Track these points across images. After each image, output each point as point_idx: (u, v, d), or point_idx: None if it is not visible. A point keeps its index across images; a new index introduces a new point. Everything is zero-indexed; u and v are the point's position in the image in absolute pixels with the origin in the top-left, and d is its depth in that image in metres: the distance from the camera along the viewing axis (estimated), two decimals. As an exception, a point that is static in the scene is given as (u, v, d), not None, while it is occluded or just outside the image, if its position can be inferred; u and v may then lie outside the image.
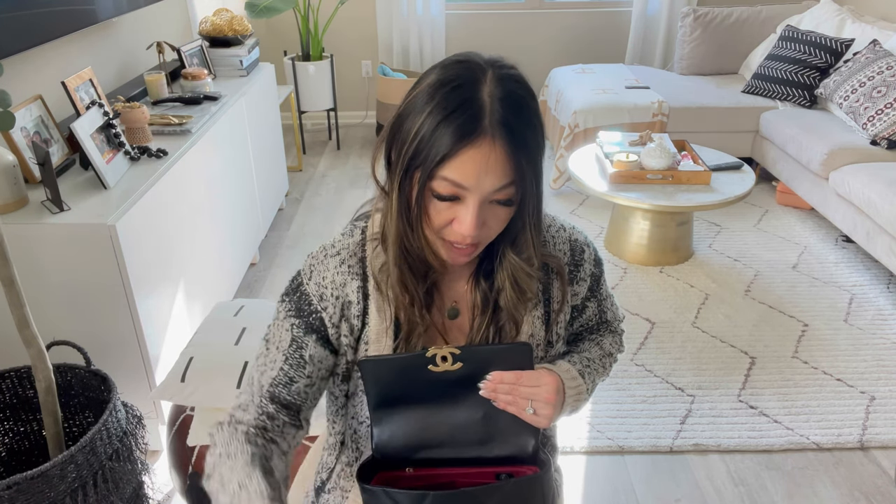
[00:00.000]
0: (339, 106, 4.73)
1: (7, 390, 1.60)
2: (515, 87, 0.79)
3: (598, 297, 1.05)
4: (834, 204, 3.00)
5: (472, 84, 0.77)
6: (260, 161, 3.00)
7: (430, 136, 0.77)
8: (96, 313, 1.75)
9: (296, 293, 0.92)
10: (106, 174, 1.84)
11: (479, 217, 0.80)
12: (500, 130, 0.76)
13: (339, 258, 0.91)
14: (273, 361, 0.91)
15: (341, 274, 0.90)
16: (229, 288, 2.55)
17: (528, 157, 0.78)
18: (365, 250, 0.91)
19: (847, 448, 1.99)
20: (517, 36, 4.65)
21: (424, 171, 0.78)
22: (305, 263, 0.93)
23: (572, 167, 3.00)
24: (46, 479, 1.28)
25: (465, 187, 0.78)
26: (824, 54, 3.55)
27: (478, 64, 0.79)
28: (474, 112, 0.76)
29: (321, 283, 0.90)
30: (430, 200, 0.81)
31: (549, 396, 0.87)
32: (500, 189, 0.78)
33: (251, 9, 3.61)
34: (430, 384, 0.88)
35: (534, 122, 0.80)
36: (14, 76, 1.95)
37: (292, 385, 0.91)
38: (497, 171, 0.77)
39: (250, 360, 0.94)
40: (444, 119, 0.76)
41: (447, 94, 0.77)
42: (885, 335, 2.49)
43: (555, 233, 0.98)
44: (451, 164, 0.76)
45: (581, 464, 1.94)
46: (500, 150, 0.76)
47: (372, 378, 0.88)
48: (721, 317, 2.61)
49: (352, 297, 0.91)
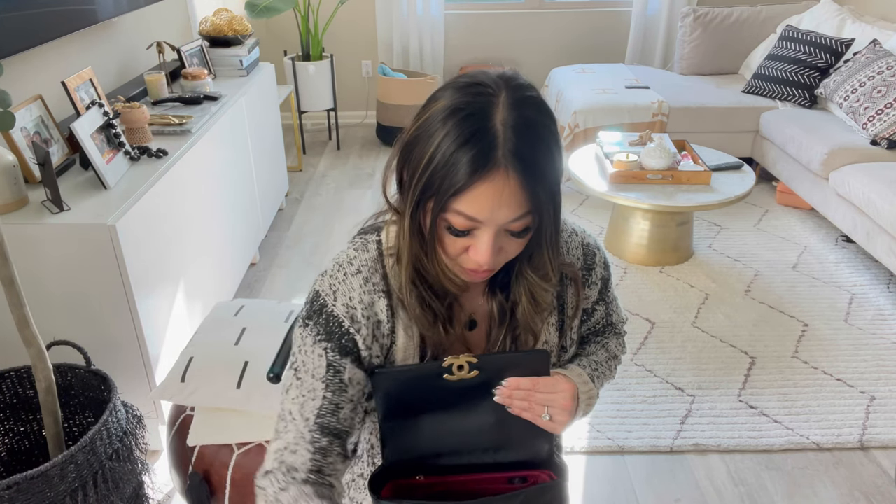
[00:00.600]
0: (339, 106, 4.74)
1: (7, 390, 1.60)
2: (530, 111, 0.76)
3: (607, 299, 1.05)
4: (834, 204, 3.00)
5: (485, 111, 0.74)
6: (260, 161, 3.00)
7: (443, 167, 0.74)
8: (96, 313, 1.75)
9: (321, 316, 0.86)
10: (106, 174, 1.84)
11: (495, 246, 0.78)
12: (513, 162, 0.73)
13: (362, 276, 0.87)
14: (312, 391, 0.85)
15: (368, 293, 0.87)
16: (229, 288, 2.55)
17: (544, 185, 0.75)
18: (384, 266, 0.88)
19: (847, 448, 1.99)
20: (517, 36, 4.65)
21: (437, 203, 0.76)
22: (323, 284, 0.88)
23: (572, 167, 3.00)
24: (46, 479, 1.28)
25: (480, 220, 0.76)
26: (824, 54, 3.55)
27: (491, 87, 0.76)
28: (487, 143, 0.73)
29: (349, 304, 0.86)
30: (444, 230, 0.79)
31: (567, 403, 0.86)
32: (515, 220, 0.76)
33: (251, 9, 3.61)
34: (444, 391, 0.87)
35: (551, 148, 0.77)
36: (14, 76, 1.95)
37: (339, 412, 0.86)
38: (512, 204, 0.74)
39: (280, 394, 0.88)
40: (457, 150, 0.73)
41: (459, 122, 0.74)
42: (885, 335, 2.49)
43: (567, 238, 0.97)
44: (464, 197, 0.74)
45: (581, 464, 1.94)
46: (514, 183, 0.73)
47: (384, 389, 0.87)
48: (721, 317, 2.61)
49: (381, 317, 0.87)
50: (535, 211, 0.76)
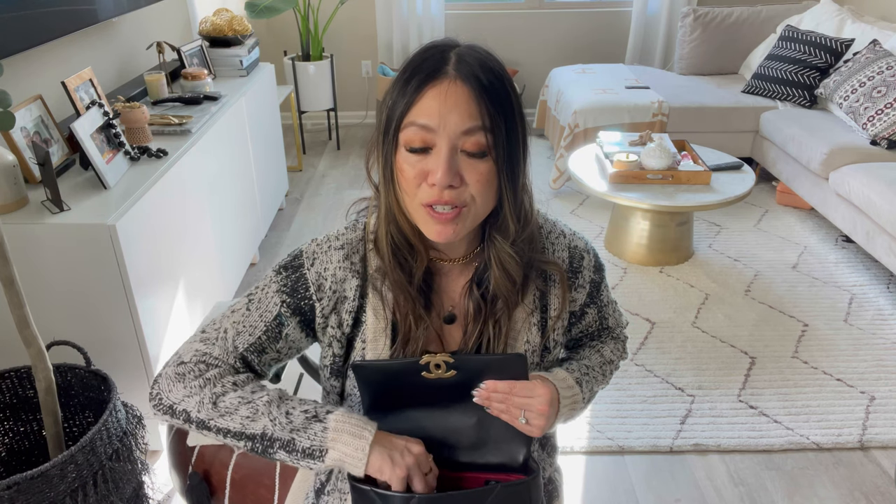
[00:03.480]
0: (339, 106, 4.73)
1: (7, 390, 1.59)
2: (484, 53, 0.82)
3: (598, 303, 1.04)
4: (834, 204, 3.00)
5: (441, 49, 0.82)
6: (260, 161, 3.00)
7: (398, 95, 0.81)
8: (96, 313, 1.75)
9: (295, 272, 0.92)
10: (106, 174, 1.84)
11: (451, 163, 0.79)
12: (463, 72, 0.79)
13: (343, 252, 0.92)
14: (252, 326, 0.92)
15: (342, 269, 0.91)
16: (229, 288, 2.55)
17: (495, 104, 0.79)
18: (365, 248, 0.92)
19: (847, 448, 1.99)
20: (517, 36, 4.65)
21: (395, 127, 0.81)
22: (309, 248, 0.93)
23: (572, 167, 3.00)
24: (46, 479, 1.28)
25: (431, 128, 0.79)
26: (824, 54, 3.55)
27: (450, 40, 0.84)
28: (438, 62, 0.80)
29: (321, 274, 0.91)
30: (404, 160, 0.82)
31: (542, 408, 0.87)
32: (467, 131, 0.79)
33: (251, 9, 3.61)
34: (424, 388, 0.88)
35: (503, 81, 0.81)
36: (14, 76, 1.95)
37: (263, 355, 0.94)
38: (461, 109, 0.78)
39: (222, 309, 0.94)
40: (410, 75, 0.80)
41: (416, 58, 0.82)
42: (885, 335, 2.49)
43: (554, 239, 0.98)
44: (415, 108, 0.79)
45: (581, 464, 1.94)
46: (461, 88, 0.78)
47: (365, 381, 0.89)
48: (721, 317, 2.61)
49: (348, 294, 0.91)
50: (488, 129, 0.79)
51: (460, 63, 0.79)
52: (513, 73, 4.53)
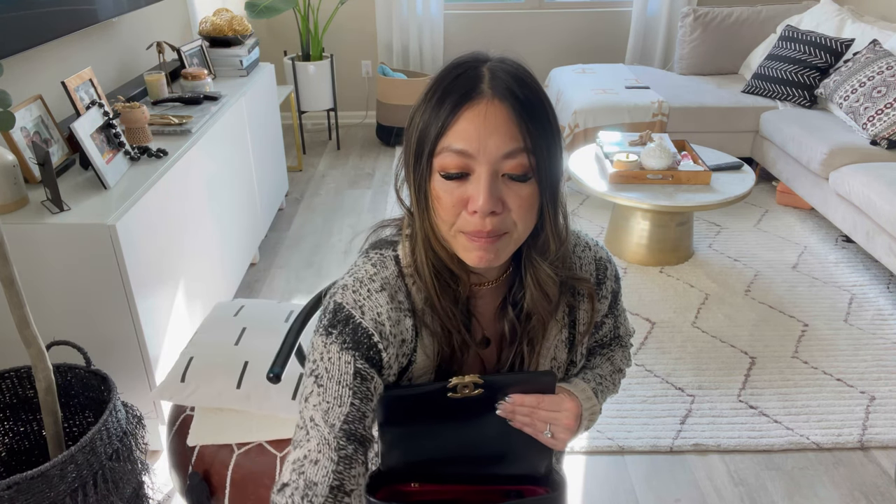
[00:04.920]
0: (339, 106, 4.73)
1: (7, 390, 1.59)
2: (518, 67, 0.77)
3: (615, 312, 1.03)
4: (834, 204, 3.00)
5: (473, 66, 0.76)
6: (260, 161, 3.00)
7: (431, 117, 0.75)
8: (96, 313, 1.75)
9: (347, 326, 0.82)
10: (106, 174, 1.84)
11: (492, 189, 0.73)
12: (500, 91, 0.73)
13: (387, 293, 0.84)
14: (338, 397, 0.80)
15: (395, 311, 0.84)
16: (229, 288, 2.55)
17: (536, 122, 0.74)
18: (406, 284, 0.86)
19: (847, 448, 1.99)
20: (517, 36, 4.65)
21: (430, 151, 0.75)
22: (346, 297, 0.83)
23: (572, 167, 3.00)
24: (46, 479, 1.28)
25: (470, 154, 0.73)
26: (824, 54, 3.55)
27: (480, 54, 0.79)
28: (472, 80, 0.74)
29: (377, 320, 0.82)
30: (440, 186, 0.76)
31: (570, 422, 0.85)
32: (508, 154, 0.73)
33: (251, 9, 3.61)
34: (449, 408, 0.86)
35: (540, 95, 0.76)
36: (14, 76, 1.95)
37: (365, 420, 0.81)
38: (501, 131, 0.72)
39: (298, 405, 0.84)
40: (442, 95, 0.74)
41: (446, 76, 0.76)
42: (885, 335, 2.49)
43: (581, 252, 0.95)
44: (451, 132, 0.73)
45: (581, 464, 1.94)
46: (500, 108, 0.72)
47: (388, 408, 0.85)
48: (721, 317, 2.61)
49: (406, 336, 0.85)
50: (531, 150, 0.74)
51: (495, 79, 0.74)
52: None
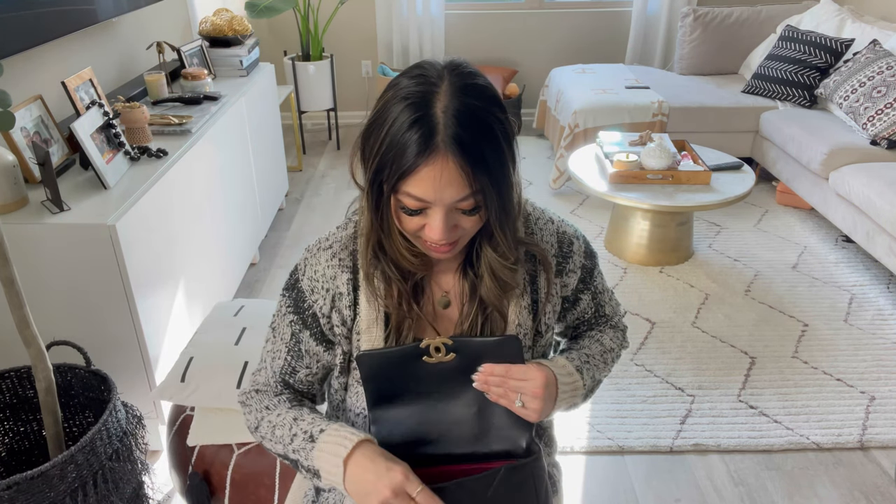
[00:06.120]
0: (339, 106, 4.73)
1: (7, 390, 1.59)
2: (470, 99, 0.80)
3: (592, 289, 1.06)
4: (834, 204, 3.00)
5: (427, 99, 0.79)
6: (260, 161, 3.00)
7: (391, 151, 0.80)
8: (96, 313, 1.75)
9: (293, 290, 0.98)
10: (106, 174, 1.84)
11: (447, 223, 0.83)
12: (452, 147, 0.78)
13: (331, 251, 0.95)
14: (278, 351, 1.01)
15: (332, 267, 0.95)
16: (229, 288, 2.55)
17: (485, 169, 0.80)
18: (357, 243, 0.95)
19: (847, 448, 1.99)
20: (517, 36, 4.65)
21: (389, 185, 0.82)
22: (302, 258, 0.98)
23: (572, 167, 3.00)
24: (46, 479, 1.28)
25: (427, 201, 0.81)
26: (824, 54, 3.55)
27: (433, 76, 0.81)
28: (428, 129, 0.78)
29: (313, 277, 0.95)
30: (399, 210, 0.85)
31: (537, 391, 0.89)
32: (461, 200, 0.81)
33: (251, 9, 3.61)
34: (426, 377, 0.91)
35: (492, 132, 0.80)
36: (14, 76, 1.95)
37: (296, 374, 1.01)
38: (454, 185, 0.79)
39: (262, 344, 1.10)
40: (402, 135, 0.79)
41: (405, 109, 0.79)
42: (885, 335, 2.49)
43: (542, 225, 1.00)
44: (410, 180, 0.80)
45: (581, 464, 1.94)
46: (453, 166, 0.78)
47: (369, 372, 0.91)
48: (721, 317, 2.61)
49: (342, 289, 0.94)
50: (480, 192, 0.81)
51: (447, 126, 0.78)
52: (512, 73, 4.53)
